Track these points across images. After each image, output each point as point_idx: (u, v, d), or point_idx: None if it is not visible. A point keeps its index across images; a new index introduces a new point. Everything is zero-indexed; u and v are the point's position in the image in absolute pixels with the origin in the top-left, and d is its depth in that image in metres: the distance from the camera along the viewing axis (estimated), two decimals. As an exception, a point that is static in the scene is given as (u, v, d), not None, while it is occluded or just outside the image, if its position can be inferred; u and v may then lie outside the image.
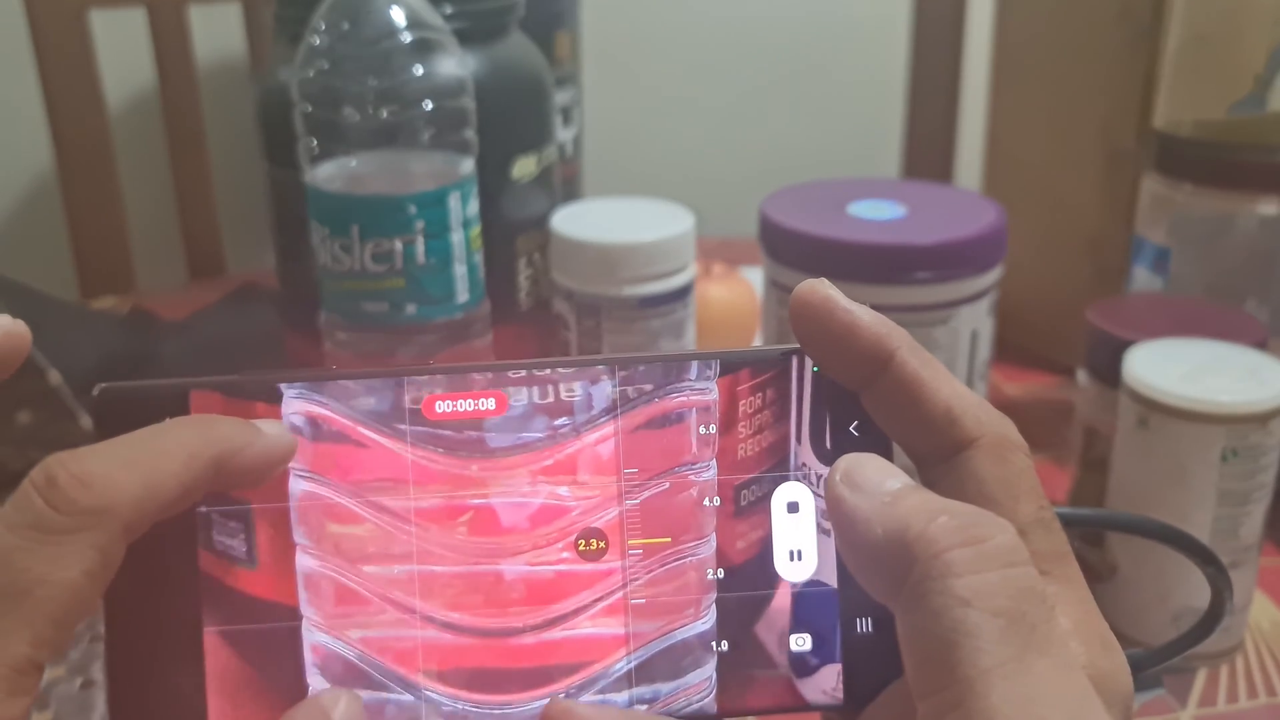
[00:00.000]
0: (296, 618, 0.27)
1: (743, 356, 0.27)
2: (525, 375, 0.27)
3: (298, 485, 0.27)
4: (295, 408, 0.27)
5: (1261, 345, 0.53)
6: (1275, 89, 0.61)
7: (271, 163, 0.66)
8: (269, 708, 0.26)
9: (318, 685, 0.27)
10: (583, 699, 0.27)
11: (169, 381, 0.26)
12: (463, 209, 0.56)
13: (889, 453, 0.26)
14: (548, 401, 0.28)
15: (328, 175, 0.56)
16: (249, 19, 1.04)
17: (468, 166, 0.57)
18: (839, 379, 0.26)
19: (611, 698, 0.27)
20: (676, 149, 1.29)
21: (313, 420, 0.27)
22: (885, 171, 1.23)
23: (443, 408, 0.27)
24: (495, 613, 0.27)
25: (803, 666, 0.27)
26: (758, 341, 0.74)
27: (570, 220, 0.63)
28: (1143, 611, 0.51)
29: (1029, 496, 0.24)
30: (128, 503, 0.21)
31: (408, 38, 0.54)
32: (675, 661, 0.27)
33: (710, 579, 0.28)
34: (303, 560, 0.27)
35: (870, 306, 0.25)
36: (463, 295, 0.57)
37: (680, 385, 0.28)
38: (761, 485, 0.28)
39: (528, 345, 0.69)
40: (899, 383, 0.25)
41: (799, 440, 0.27)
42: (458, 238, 0.56)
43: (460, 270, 0.57)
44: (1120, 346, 0.52)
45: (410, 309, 0.56)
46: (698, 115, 1.29)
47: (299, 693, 0.26)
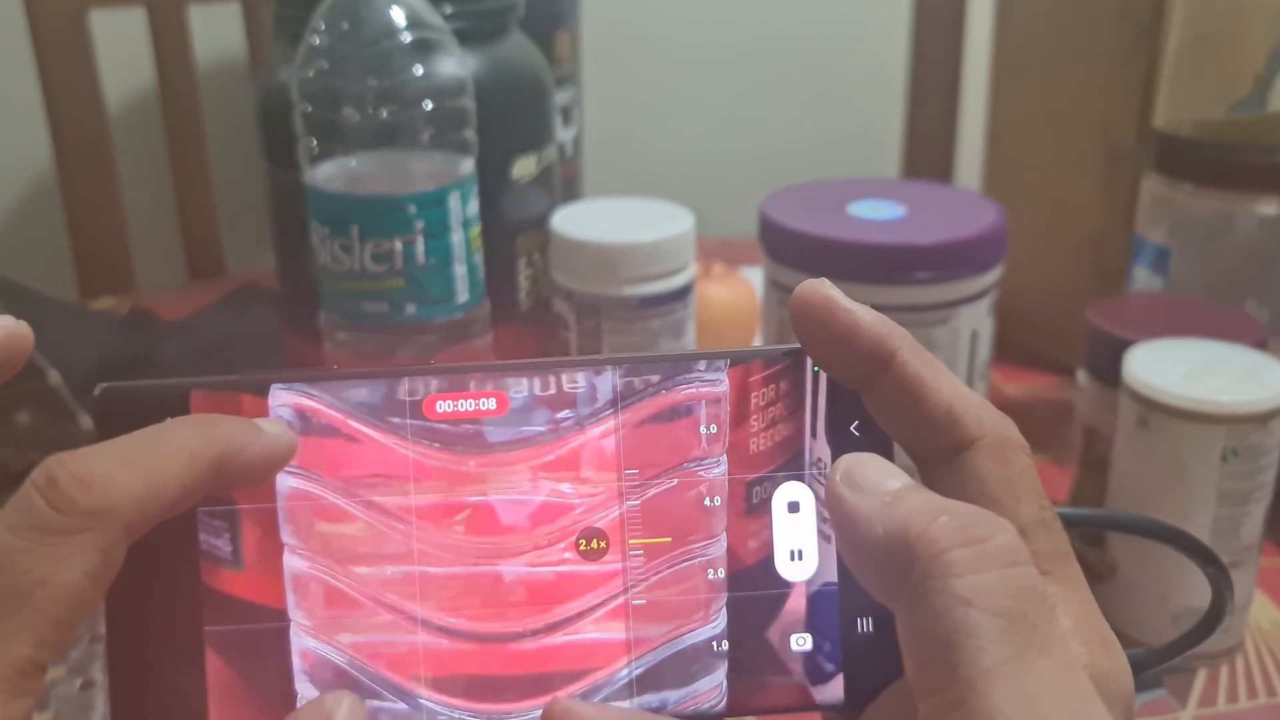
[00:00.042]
0: (284, 622, 0.26)
1: (743, 356, 0.26)
2: (525, 374, 0.26)
3: (285, 482, 0.26)
4: (282, 399, 0.26)
5: (1261, 345, 0.53)
6: (1275, 89, 0.61)
7: (271, 163, 0.66)
8: (269, 709, 0.25)
9: (307, 693, 0.25)
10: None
11: (169, 381, 0.25)
12: (463, 209, 0.56)
13: (890, 453, 0.26)
14: (549, 394, 0.26)
15: (327, 175, 0.56)
16: (249, 19, 1.04)
17: (468, 166, 0.57)
18: (840, 379, 0.26)
19: (616, 705, 0.26)
20: (676, 149, 1.29)
21: (301, 413, 0.26)
22: (885, 171, 1.23)
23: (444, 407, 0.26)
24: (494, 616, 0.26)
25: (803, 667, 0.26)
26: (758, 341, 0.74)
27: (570, 220, 0.63)
28: (1143, 611, 0.51)
29: (1030, 496, 0.24)
30: (129, 503, 0.21)
31: (408, 38, 0.54)
32: (684, 668, 0.26)
33: (721, 581, 0.26)
34: (291, 561, 0.26)
35: (870, 306, 0.25)
36: (463, 295, 0.57)
37: (689, 377, 0.26)
38: (776, 483, 0.27)
39: (528, 345, 0.69)
40: (900, 382, 0.24)
41: (814, 435, 0.27)
42: (458, 238, 0.56)
43: (460, 270, 0.57)
44: (1120, 346, 0.52)
45: (410, 309, 0.56)
46: (698, 115, 1.29)
47: (288, 700, 0.25)
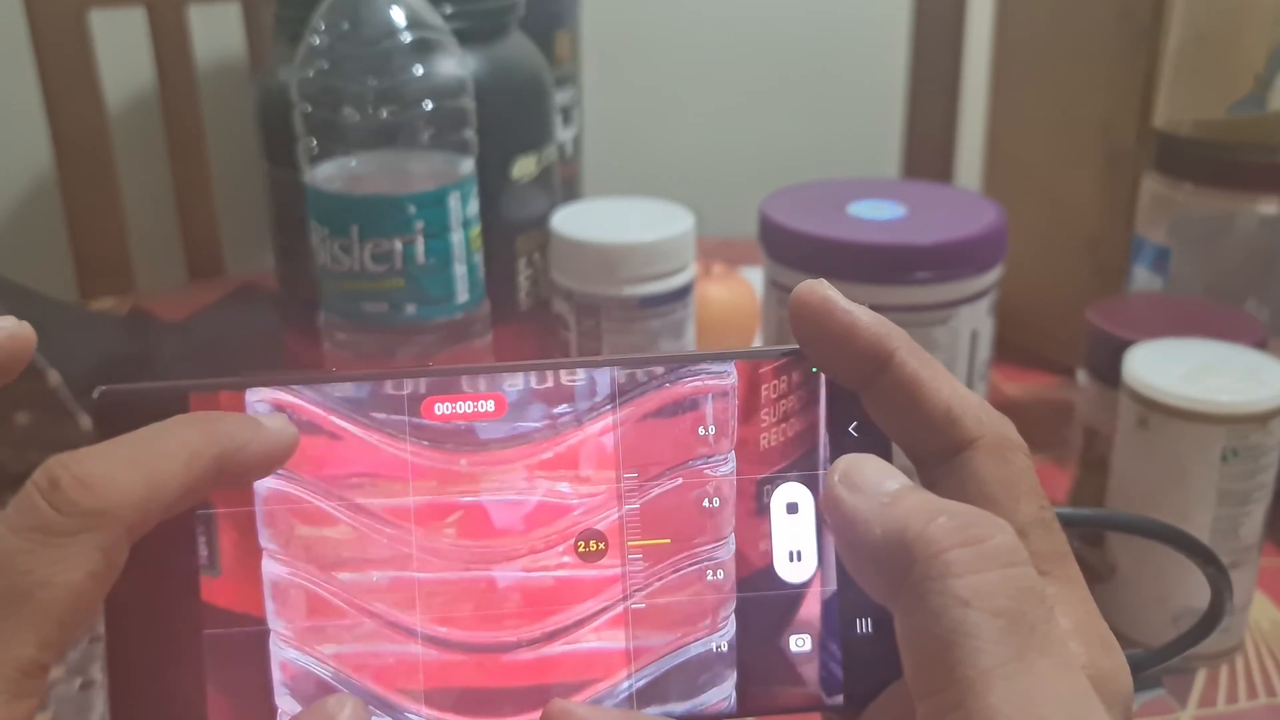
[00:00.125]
0: (264, 631, 0.24)
1: (741, 357, 0.26)
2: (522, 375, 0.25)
3: (263, 483, 0.24)
4: (260, 395, 0.25)
5: (1261, 345, 0.53)
6: (1275, 89, 0.61)
7: (271, 163, 0.66)
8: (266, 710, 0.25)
9: (287, 707, 0.24)
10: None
11: (169, 383, 0.25)
12: (462, 209, 0.56)
13: (888, 453, 0.25)
14: (546, 388, 0.25)
15: (327, 175, 0.56)
16: (249, 19, 1.04)
17: (468, 166, 0.57)
18: (838, 379, 0.26)
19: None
20: (676, 149, 1.29)
21: (279, 409, 0.25)
22: (885, 171, 1.23)
23: (443, 409, 0.25)
24: (487, 625, 0.25)
25: (802, 668, 0.26)
26: (758, 342, 0.74)
27: (570, 220, 0.63)
28: (1142, 612, 0.51)
29: (1029, 497, 0.24)
30: (130, 503, 0.21)
31: (408, 38, 0.54)
32: (691, 678, 0.25)
33: (730, 586, 0.25)
34: (270, 567, 0.24)
35: (870, 306, 0.25)
36: (462, 295, 0.57)
37: (694, 370, 0.25)
38: (802, 472, 0.25)
39: (527, 345, 0.69)
40: (898, 383, 0.24)
41: (829, 430, 0.26)
42: (457, 238, 0.56)
43: (460, 270, 0.57)
44: (1120, 346, 0.52)
45: (410, 309, 0.56)
46: (698, 115, 1.29)
47: (268, 716, 0.24)
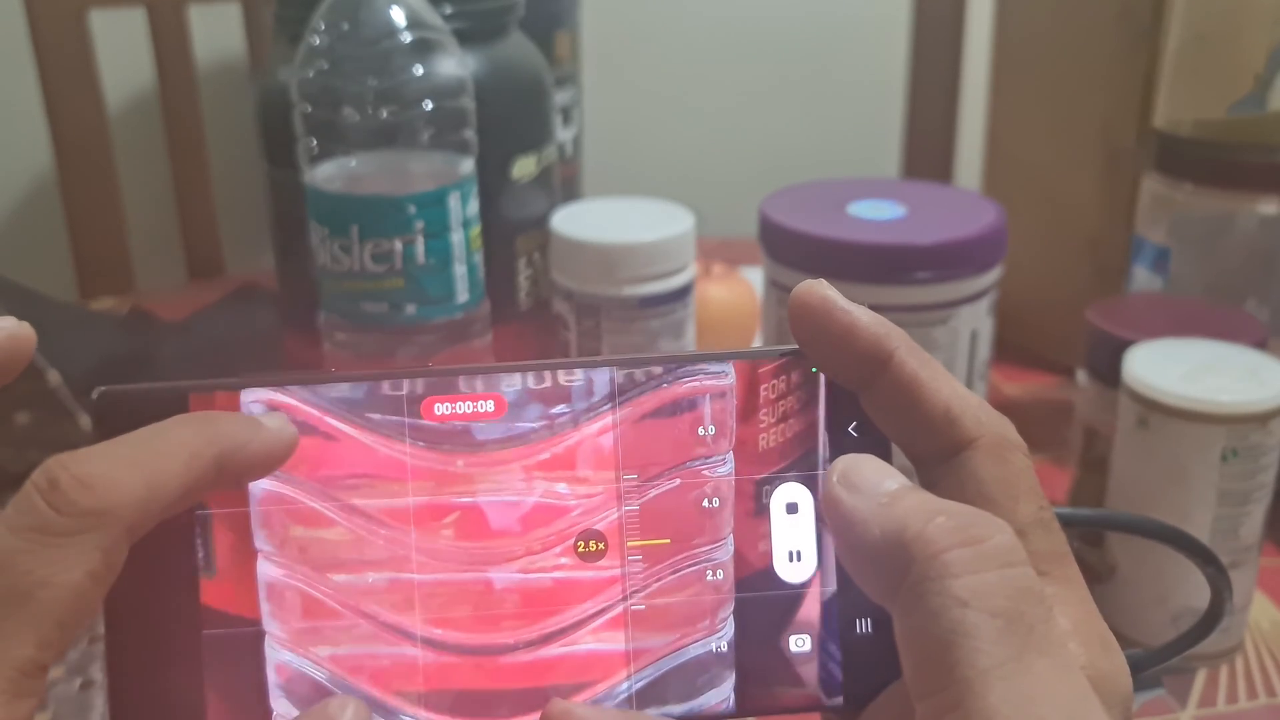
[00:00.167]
0: (258, 633, 0.24)
1: (741, 357, 0.26)
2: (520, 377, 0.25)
3: (258, 483, 0.24)
4: (254, 395, 0.24)
5: (1261, 345, 0.53)
6: (1275, 89, 0.61)
7: (271, 163, 0.66)
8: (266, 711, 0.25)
9: (283, 710, 0.24)
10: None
11: (168, 383, 0.25)
12: (462, 209, 0.56)
13: (888, 454, 0.25)
14: (543, 388, 0.25)
15: (327, 175, 0.56)
16: (249, 19, 1.04)
17: (467, 166, 0.57)
18: (838, 379, 0.26)
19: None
20: (676, 149, 1.29)
21: (273, 408, 0.24)
22: (885, 171, 1.23)
23: (443, 409, 0.25)
24: (484, 627, 0.24)
25: (802, 668, 0.26)
26: (758, 342, 0.74)
27: (570, 220, 0.63)
28: (1142, 612, 0.51)
29: (1028, 497, 0.24)
30: (130, 503, 0.21)
31: (408, 38, 0.54)
32: (689, 680, 0.25)
33: (728, 587, 0.25)
34: (264, 568, 0.24)
35: (870, 307, 0.25)
36: (462, 295, 0.57)
37: (693, 370, 0.25)
38: (801, 473, 0.25)
39: (527, 345, 0.69)
40: (898, 383, 0.24)
41: (828, 430, 0.25)
42: (457, 238, 0.56)
43: (460, 270, 0.57)
44: (1120, 346, 0.52)
45: (410, 309, 0.56)
46: (698, 115, 1.29)
47: (262, 718, 0.24)
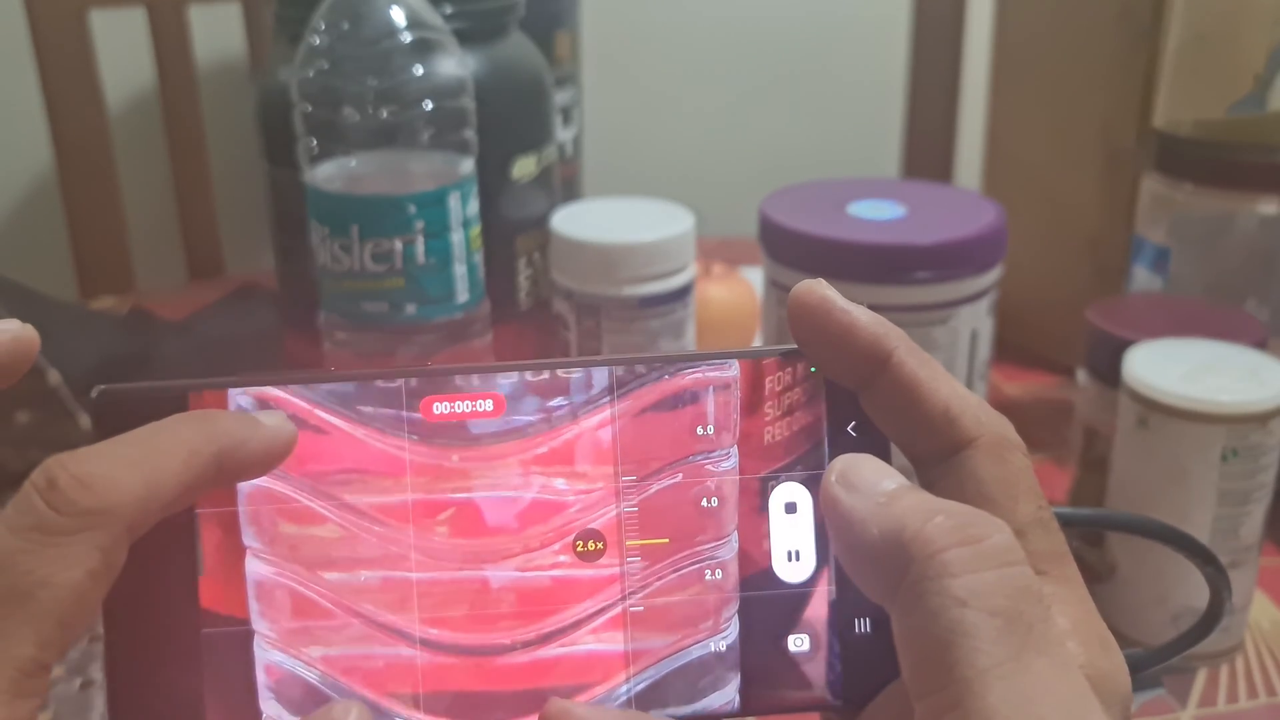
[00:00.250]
0: (247, 633, 0.24)
1: (740, 357, 0.26)
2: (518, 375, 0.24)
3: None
4: (248, 390, 0.24)
5: (1261, 345, 0.53)
6: (1275, 89, 0.61)
7: (271, 163, 0.66)
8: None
9: (273, 712, 0.24)
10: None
11: (168, 383, 0.25)
12: (463, 209, 0.56)
13: (887, 454, 0.25)
14: (541, 379, 0.24)
15: (327, 175, 0.56)
16: (249, 19, 1.04)
17: (468, 166, 0.57)
18: (837, 379, 0.26)
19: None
20: (676, 149, 1.29)
21: (262, 402, 0.24)
22: (885, 171, 1.23)
23: (441, 409, 0.24)
24: (481, 626, 0.24)
25: (801, 668, 0.26)
26: (758, 341, 0.74)
27: (570, 220, 0.63)
28: (1142, 611, 0.51)
29: (1027, 496, 0.24)
30: (129, 503, 0.21)
31: (408, 38, 0.54)
32: (692, 682, 0.24)
33: (732, 586, 0.24)
34: (253, 566, 0.24)
35: (870, 306, 0.25)
36: (462, 295, 0.57)
37: (695, 360, 0.25)
38: (800, 472, 0.25)
39: (527, 345, 0.69)
40: (897, 383, 0.24)
41: (827, 430, 0.25)
42: (457, 238, 0.56)
43: (460, 270, 0.57)
44: (1120, 346, 0.52)
45: (410, 309, 0.56)
46: (698, 115, 1.29)
47: None
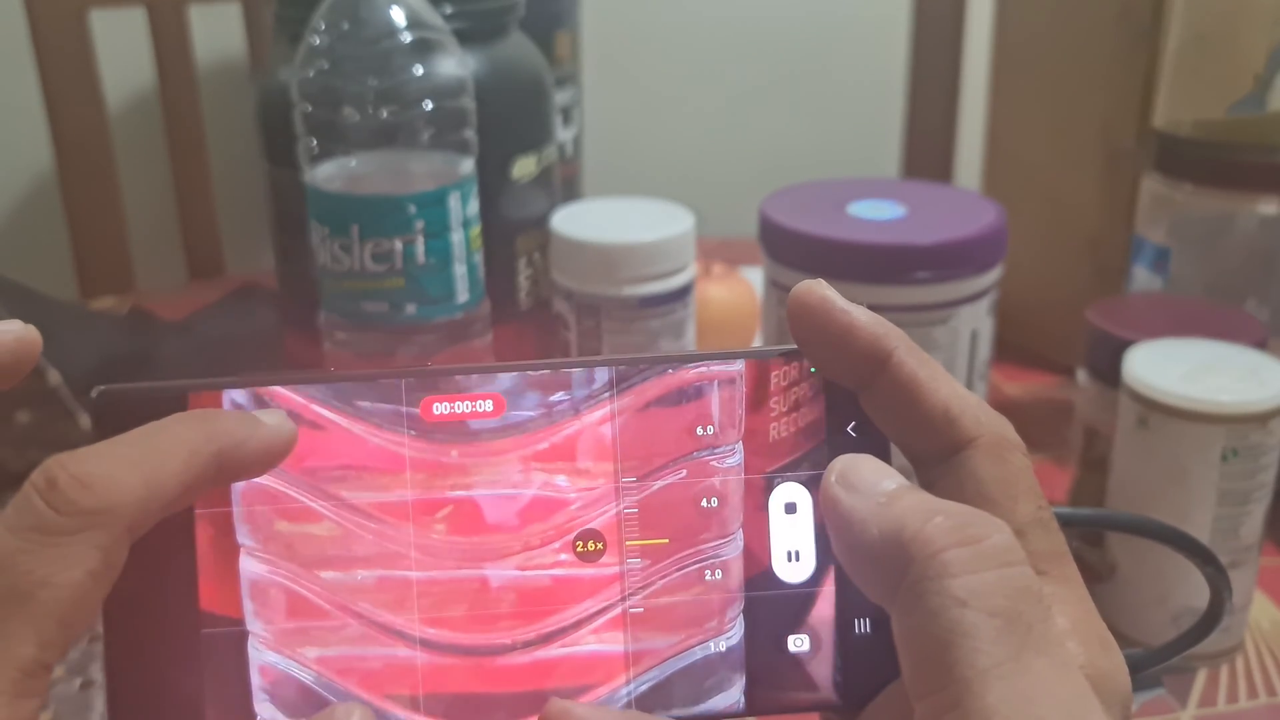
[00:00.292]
0: (241, 633, 0.23)
1: (739, 357, 0.26)
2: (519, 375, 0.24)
3: None
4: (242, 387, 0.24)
5: (1261, 345, 0.53)
6: (1275, 89, 0.61)
7: (271, 163, 0.66)
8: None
9: (267, 714, 0.23)
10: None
11: (167, 383, 0.24)
12: (463, 209, 0.56)
13: (886, 454, 0.25)
14: (542, 375, 0.24)
15: (327, 175, 0.56)
16: (249, 19, 1.04)
17: (468, 166, 0.57)
18: (837, 379, 0.26)
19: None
20: (676, 149, 1.29)
21: (257, 397, 0.24)
22: (885, 171, 1.23)
23: (441, 409, 0.24)
24: (480, 626, 0.23)
25: (801, 667, 0.26)
26: (758, 342, 0.74)
27: (570, 220, 0.63)
28: (1142, 611, 0.51)
29: (1027, 496, 0.24)
30: (129, 502, 0.21)
31: (408, 38, 0.54)
32: (697, 683, 0.24)
33: (737, 585, 0.24)
34: (248, 565, 0.23)
35: (870, 306, 0.25)
36: (462, 295, 0.57)
37: (694, 361, 0.24)
38: (800, 472, 0.24)
39: (528, 345, 0.69)
40: (897, 383, 0.24)
41: (827, 430, 0.25)
42: (458, 238, 0.56)
43: (460, 270, 0.57)
44: (1120, 346, 0.52)
45: (410, 309, 0.56)
46: (698, 115, 1.29)
47: None
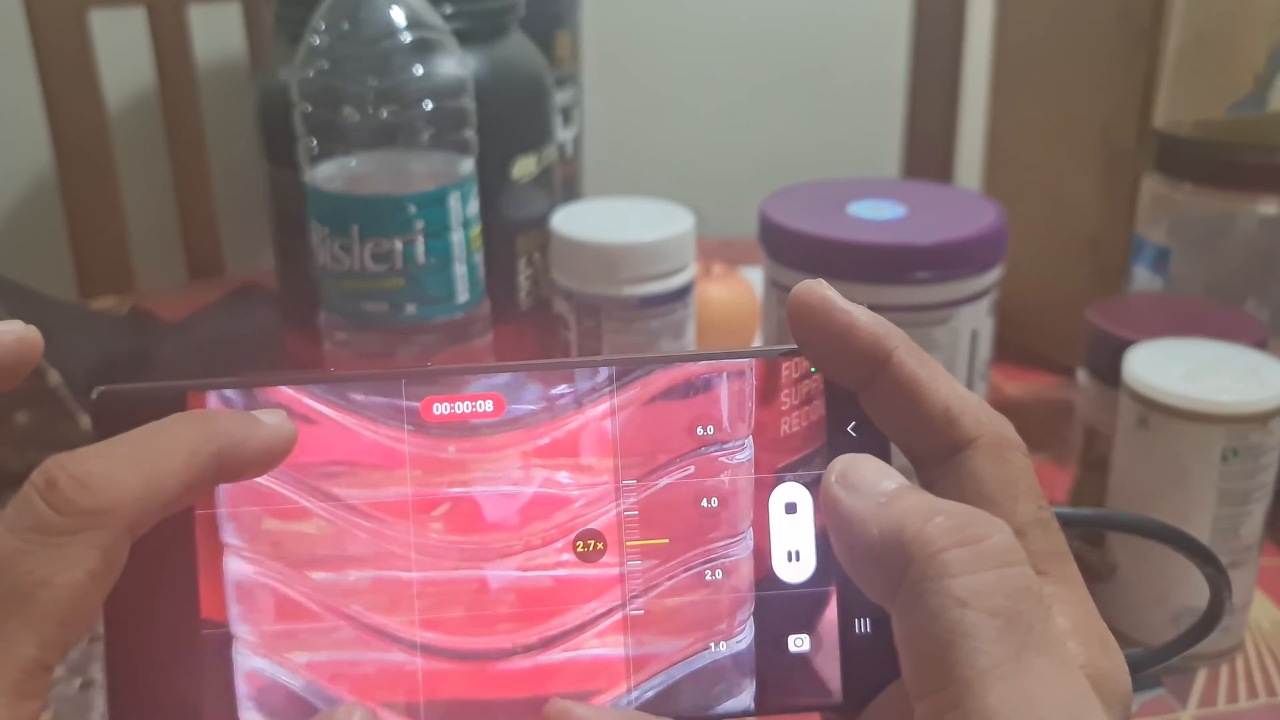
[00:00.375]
0: (226, 637, 0.22)
1: (739, 357, 0.25)
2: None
3: None
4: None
5: (1261, 345, 0.53)
6: (1275, 89, 0.61)
7: (271, 163, 0.66)
8: None
9: None
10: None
11: (168, 383, 0.24)
12: (463, 209, 0.56)
13: (887, 454, 0.25)
14: (542, 372, 0.23)
15: (327, 175, 0.56)
16: (249, 19, 1.04)
17: (468, 166, 0.57)
18: (837, 379, 0.26)
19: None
20: (676, 149, 1.29)
21: (256, 396, 0.23)
22: (885, 171, 1.23)
23: (441, 409, 0.23)
24: (479, 630, 0.23)
25: (802, 667, 0.25)
26: (758, 341, 0.74)
27: (570, 220, 0.63)
28: (1142, 611, 0.51)
29: (1027, 496, 0.24)
30: (129, 502, 0.21)
31: (408, 38, 0.54)
32: (706, 688, 0.23)
33: (747, 586, 0.23)
34: (233, 565, 0.22)
35: (870, 306, 0.25)
36: (463, 295, 0.57)
37: (694, 361, 0.24)
38: (812, 468, 0.24)
39: (528, 345, 0.69)
40: (897, 383, 0.24)
41: (827, 430, 0.24)
42: (458, 238, 0.56)
43: (460, 270, 0.57)
44: (1120, 346, 0.52)
45: (410, 309, 0.56)
46: (698, 115, 1.29)
47: None
